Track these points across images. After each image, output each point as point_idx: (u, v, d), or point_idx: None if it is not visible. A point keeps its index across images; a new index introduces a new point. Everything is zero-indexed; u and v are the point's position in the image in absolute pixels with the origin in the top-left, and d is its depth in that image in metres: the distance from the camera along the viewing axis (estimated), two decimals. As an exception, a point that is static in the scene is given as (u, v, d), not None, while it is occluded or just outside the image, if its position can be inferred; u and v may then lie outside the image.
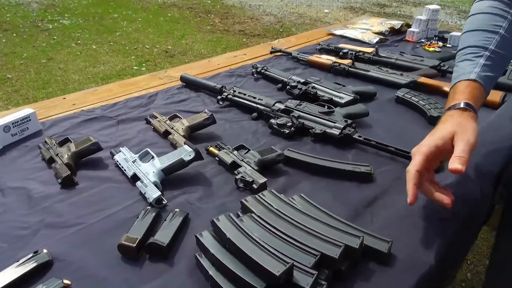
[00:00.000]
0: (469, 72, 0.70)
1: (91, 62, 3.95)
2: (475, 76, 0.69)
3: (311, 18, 5.64)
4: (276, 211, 0.62)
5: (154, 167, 0.75)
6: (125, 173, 0.78)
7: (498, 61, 0.71)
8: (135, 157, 0.79)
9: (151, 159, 0.78)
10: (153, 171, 0.74)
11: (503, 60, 0.73)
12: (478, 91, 0.70)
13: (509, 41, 0.71)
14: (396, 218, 0.67)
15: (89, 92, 1.20)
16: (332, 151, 0.88)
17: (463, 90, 0.69)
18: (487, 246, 1.83)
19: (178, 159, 0.76)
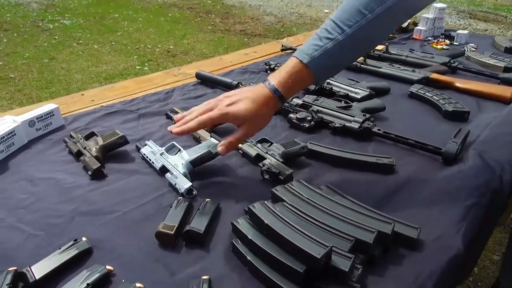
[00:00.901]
0: (307, 53, 0.67)
1: (94, 62, 3.96)
2: (308, 59, 0.67)
3: (311, 18, 5.68)
4: (307, 200, 0.64)
5: (182, 159, 0.77)
6: (153, 165, 0.79)
7: (348, 47, 0.67)
8: (162, 150, 0.81)
9: (178, 152, 0.80)
10: (182, 163, 0.76)
11: (360, 47, 0.71)
12: (302, 77, 0.69)
13: (374, 27, 0.66)
14: (421, 206, 0.69)
15: (107, 88, 1.21)
16: (352, 144, 0.90)
17: (287, 71, 0.69)
18: (493, 241, 1.86)
19: (206, 151, 0.77)
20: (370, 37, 0.69)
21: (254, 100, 0.69)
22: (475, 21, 5.79)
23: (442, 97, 1.06)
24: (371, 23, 0.65)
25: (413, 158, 0.84)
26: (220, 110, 0.69)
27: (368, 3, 0.64)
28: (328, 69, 0.71)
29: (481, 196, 0.69)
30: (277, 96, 0.69)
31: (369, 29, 0.66)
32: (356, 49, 0.71)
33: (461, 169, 0.78)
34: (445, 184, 0.73)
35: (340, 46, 0.66)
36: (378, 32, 0.69)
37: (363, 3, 0.64)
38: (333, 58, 0.68)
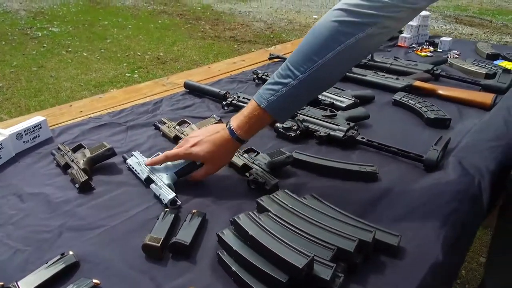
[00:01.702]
0: (264, 97, 0.71)
1: (83, 70, 3.94)
2: (265, 104, 0.71)
3: (300, 24, 5.73)
4: (291, 209, 0.65)
5: (167, 170, 0.78)
6: (139, 176, 0.80)
7: (302, 90, 0.69)
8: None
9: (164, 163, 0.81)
10: (166, 174, 0.77)
11: (317, 86, 0.72)
12: (260, 119, 0.73)
13: (327, 70, 0.67)
14: (402, 214, 0.71)
15: (95, 99, 1.22)
16: (337, 152, 0.92)
17: (245, 115, 0.75)
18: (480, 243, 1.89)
19: (190, 162, 0.79)
20: (323, 79, 0.71)
21: (214, 143, 0.76)
22: (461, 25, 5.89)
23: (424, 105, 1.08)
24: (323, 67, 0.67)
25: (395, 165, 0.86)
26: (185, 150, 0.78)
27: (319, 50, 0.66)
28: (285, 110, 0.74)
29: (460, 203, 0.71)
30: (235, 139, 0.76)
31: (322, 72, 0.68)
32: (311, 90, 0.73)
33: (441, 176, 0.80)
34: (426, 191, 0.76)
35: (294, 90, 0.69)
36: (332, 74, 0.71)
37: (314, 50, 0.67)
38: (288, 100, 0.71)
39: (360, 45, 0.66)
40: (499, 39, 5.26)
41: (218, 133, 0.77)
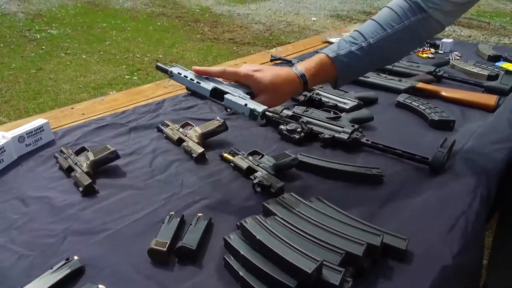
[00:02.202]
0: (333, 51, 0.76)
1: (82, 72, 3.93)
2: (334, 55, 0.75)
3: (299, 26, 5.74)
4: (298, 213, 0.65)
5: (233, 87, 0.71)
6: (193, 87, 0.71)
7: (371, 55, 0.76)
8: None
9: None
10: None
11: (379, 56, 0.78)
12: (326, 69, 0.76)
13: (394, 42, 0.76)
14: (409, 217, 0.70)
15: (97, 101, 1.21)
16: (342, 155, 0.92)
17: (315, 62, 0.76)
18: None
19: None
20: (388, 49, 0.78)
21: (280, 75, 0.73)
22: (459, 27, 5.91)
23: (428, 106, 1.08)
24: (390, 37, 0.75)
25: (401, 168, 0.86)
26: (247, 71, 0.71)
27: (389, 22, 0.76)
28: (348, 69, 0.77)
29: (468, 205, 0.71)
30: (302, 80, 0.74)
31: (388, 42, 0.76)
32: (374, 58, 0.78)
33: (448, 178, 0.80)
34: (433, 193, 0.75)
35: (362, 51, 0.75)
36: (396, 46, 0.79)
37: (384, 22, 0.76)
38: (354, 60, 0.75)
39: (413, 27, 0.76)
40: (497, 41, 5.28)
41: (284, 70, 0.75)
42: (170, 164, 0.86)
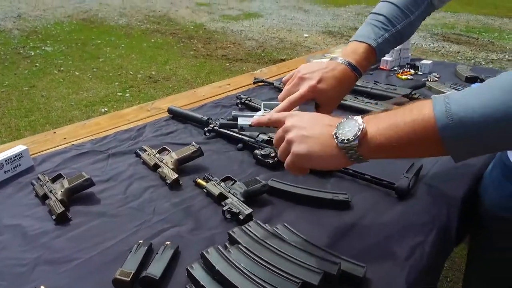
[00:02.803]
0: (374, 39, 0.79)
1: (74, 89, 3.97)
2: (375, 44, 0.79)
3: (291, 43, 5.83)
4: (261, 241, 0.67)
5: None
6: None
7: (396, 40, 0.83)
8: None
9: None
10: None
11: (399, 40, 0.84)
12: (370, 58, 0.79)
13: (412, 27, 0.84)
14: (371, 243, 0.72)
15: (79, 125, 1.24)
16: (313, 179, 0.94)
17: (362, 52, 0.78)
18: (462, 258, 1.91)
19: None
20: (408, 33, 0.85)
21: (337, 78, 0.74)
22: (448, 43, 6.03)
23: (400, 131, 1.11)
24: (412, 23, 0.83)
25: (369, 193, 0.88)
26: (310, 88, 0.71)
27: (408, 6, 0.82)
28: (382, 55, 0.82)
29: (426, 234, 0.73)
30: (357, 74, 0.77)
31: (410, 27, 0.83)
32: (397, 41, 0.84)
33: (412, 204, 0.82)
34: (396, 220, 0.78)
35: (392, 38, 0.81)
36: (413, 29, 0.86)
37: (404, 6, 0.82)
38: (387, 45, 0.81)
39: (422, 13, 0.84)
40: (485, 57, 5.38)
41: (338, 69, 0.75)
42: (145, 191, 0.88)
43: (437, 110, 0.46)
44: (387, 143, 0.51)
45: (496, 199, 0.83)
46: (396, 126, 0.50)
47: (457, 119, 0.45)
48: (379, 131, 0.51)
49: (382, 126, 0.51)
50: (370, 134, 0.51)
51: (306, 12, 7.93)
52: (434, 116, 0.46)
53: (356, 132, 0.51)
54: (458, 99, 0.46)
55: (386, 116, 0.52)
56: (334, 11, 7.99)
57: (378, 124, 0.51)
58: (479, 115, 0.44)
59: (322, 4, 8.63)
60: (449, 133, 0.45)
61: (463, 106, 0.45)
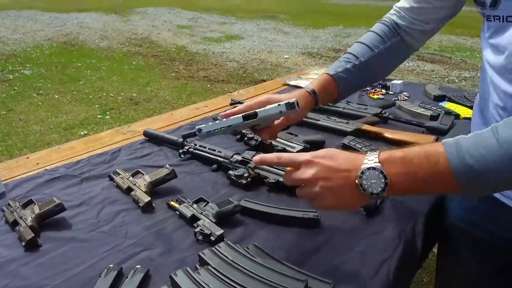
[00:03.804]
0: (333, 69, 0.90)
1: (53, 112, 3.93)
2: (333, 72, 0.89)
3: (272, 64, 5.94)
4: (231, 262, 0.68)
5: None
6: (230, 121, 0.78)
7: (363, 72, 0.91)
8: None
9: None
10: None
11: (368, 71, 0.92)
12: (329, 85, 0.89)
13: (379, 59, 0.91)
14: (340, 261, 0.74)
15: (53, 150, 1.23)
16: (286, 199, 0.96)
17: (320, 80, 0.89)
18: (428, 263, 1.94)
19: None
20: (376, 66, 0.93)
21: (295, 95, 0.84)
22: (423, 62, 6.25)
23: (370, 148, 1.15)
24: (378, 56, 0.91)
25: (339, 211, 0.90)
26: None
27: (375, 43, 0.92)
28: (346, 84, 0.90)
29: (393, 249, 0.75)
30: (314, 96, 0.87)
31: (376, 60, 0.91)
32: (367, 73, 0.93)
33: (379, 221, 0.85)
34: (363, 237, 0.80)
35: (356, 68, 0.90)
36: (382, 63, 0.94)
37: (371, 43, 0.92)
38: (350, 75, 0.90)
39: (394, 47, 0.92)
40: (458, 75, 5.60)
41: (297, 91, 0.87)
42: (117, 214, 0.88)
43: (453, 164, 0.52)
44: (407, 189, 0.57)
45: (459, 213, 0.86)
46: (415, 175, 0.55)
47: (470, 169, 0.51)
48: (399, 179, 0.55)
49: (401, 173, 0.55)
50: (392, 180, 0.55)
51: (286, 34, 8.13)
52: (451, 168, 0.52)
53: (384, 186, 0.55)
54: (471, 152, 0.51)
55: (402, 162, 0.56)
56: (313, 33, 8.21)
57: (397, 171, 0.55)
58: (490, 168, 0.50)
59: (301, 26, 8.87)
60: (463, 181, 0.52)
61: (477, 160, 0.51)
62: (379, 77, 1.03)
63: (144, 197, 0.91)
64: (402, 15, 0.92)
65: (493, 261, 0.82)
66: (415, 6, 0.89)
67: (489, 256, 0.82)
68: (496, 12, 0.65)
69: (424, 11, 0.88)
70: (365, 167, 0.56)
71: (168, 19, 9.55)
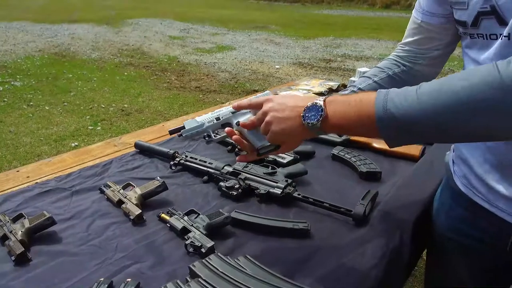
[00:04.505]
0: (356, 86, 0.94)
1: (44, 124, 3.90)
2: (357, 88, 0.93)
3: (263, 74, 5.99)
4: (221, 274, 0.68)
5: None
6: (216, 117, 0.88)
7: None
8: None
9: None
10: None
11: None
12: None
13: (378, 87, 0.91)
14: (329, 271, 0.75)
15: (43, 163, 1.23)
16: (276, 210, 0.97)
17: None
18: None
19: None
20: None
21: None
22: (412, 72, 6.34)
23: (359, 158, 1.17)
24: (376, 83, 0.92)
25: (329, 221, 0.92)
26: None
27: (375, 74, 0.94)
28: None
29: (380, 259, 0.77)
30: None
31: (374, 88, 0.91)
32: None
33: (367, 230, 0.86)
34: (352, 247, 0.81)
35: (372, 86, 0.92)
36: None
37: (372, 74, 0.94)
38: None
39: (398, 75, 0.93)
40: (446, 84, 5.69)
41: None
42: (108, 227, 0.89)
43: (377, 108, 0.58)
44: (340, 125, 0.64)
45: (445, 221, 0.88)
46: (348, 114, 0.62)
47: (390, 115, 0.57)
48: (335, 114, 0.64)
49: (338, 111, 0.63)
50: (329, 116, 0.64)
51: (277, 44, 8.20)
52: (374, 111, 0.58)
53: (319, 118, 0.63)
54: (393, 98, 0.58)
55: (342, 103, 0.64)
56: (303, 43, 8.30)
57: (335, 109, 0.64)
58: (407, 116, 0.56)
59: (292, 37, 8.97)
60: (382, 124, 0.58)
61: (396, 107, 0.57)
62: None
63: (135, 209, 0.91)
64: (406, 48, 0.93)
65: (481, 265, 0.84)
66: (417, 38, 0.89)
67: (477, 262, 0.84)
68: (478, 31, 0.67)
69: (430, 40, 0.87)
70: (310, 103, 0.65)
71: (160, 30, 9.58)
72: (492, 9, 0.62)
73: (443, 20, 0.80)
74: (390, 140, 0.60)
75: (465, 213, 0.83)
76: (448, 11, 0.76)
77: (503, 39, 0.62)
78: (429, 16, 0.82)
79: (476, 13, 0.65)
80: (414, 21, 0.88)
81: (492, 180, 0.73)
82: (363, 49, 7.69)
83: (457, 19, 0.72)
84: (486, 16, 0.64)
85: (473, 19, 0.67)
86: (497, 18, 0.62)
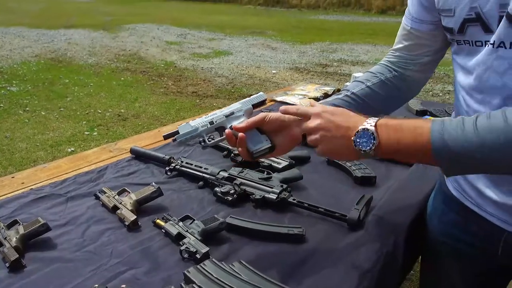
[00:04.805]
0: (326, 102, 0.92)
1: (40, 129, 3.90)
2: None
3: (260, 79, 6.01)
4: (216, 280, 0.68)
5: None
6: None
7: (356, 101, 0.90)
8: None
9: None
10: None
11: (363, 104, 0.90)
12: None
13: (371, 90, 0.91)
14: (323, 275, 0.76)
15: (39, 169, 1.23)
16: (271, 215, 0.97)
17: None
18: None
19: None
20: (370, 98, 0.91)
21: None
22: (408, 76, 6.38)
23: (353, 163, 1.18)
24: (369, 88, 0.91)
25: (324, 225, 0.92)
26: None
27: (368, 79, 0.93)
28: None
29: (375, 261, 0.77)
30: None
31: (367, 92, 0.91)
32: (361, 105, 0.89)
33: (362, 234, 0.87)
34: (347, 251, 0.82)
35: (347, 98, 0.90)
36: (377, 94, 0.92)
37: (364, 79, 0.93)
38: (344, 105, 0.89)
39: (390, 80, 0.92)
40: (442, 88, 5.73)
41: None
42: (103, 233, 0.89)
43: (433, 139, 0.58)
44: (393, 153, 0.64)
45: (438, 226, 0.89)
46: (401, 142, 0.62)
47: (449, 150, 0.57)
48: (388, 142, 0.63)
49: (392, 138, 0.63)
50: (382, 144, 0.63)
51: (274, 49, 8.24)
52: (431, 143, 0.58)
53: (371, 146, 0.63)
54: (450, 132, 0.57)
55: (394, 130, 0.63)
56: (300, 48, 8.34)
57: (389, 137, 0.63)
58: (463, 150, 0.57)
59: (289, 42, 9.01)
60: (441, 159, 0.59)
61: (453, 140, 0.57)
62: (383, 108, 0.95)
63: (130, 215, 0.91)
64: (397, 54, 0.93)
65: (473, 270, 0.84)
66: (407, 44, 0.89)
67: (469, 266, 0.85)
68: (465, 37, 0.68)
69: (420, 46, 0.87)
70: (362, 127, 0.64)
71: (156, 35, 9.60)
72: (477, 16, 0.63)
73: (432, 27, 0.81)
74: (445, 169, 0.61)
75: (457, 217, 0.84)
76: (436, 18, 0.77)
77: (488, 46, 0.63)
78: (418, 23, 0.83)
79: (462, 20, 0.67)
80: (404, 27, 0.88)
81: (482, 185, 0.73)
82: (359, 54, 7.74)
83: (445, 26, 0.73)
84: (471, 23, 0.65)
85: (459, 26, 0.68)
86: (482, 25, 0.64)
